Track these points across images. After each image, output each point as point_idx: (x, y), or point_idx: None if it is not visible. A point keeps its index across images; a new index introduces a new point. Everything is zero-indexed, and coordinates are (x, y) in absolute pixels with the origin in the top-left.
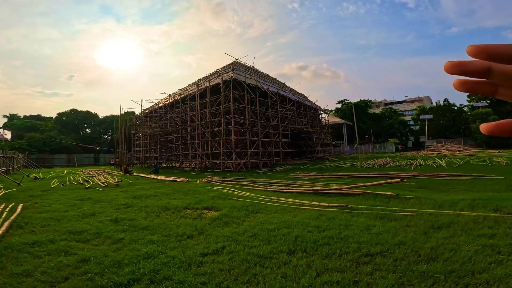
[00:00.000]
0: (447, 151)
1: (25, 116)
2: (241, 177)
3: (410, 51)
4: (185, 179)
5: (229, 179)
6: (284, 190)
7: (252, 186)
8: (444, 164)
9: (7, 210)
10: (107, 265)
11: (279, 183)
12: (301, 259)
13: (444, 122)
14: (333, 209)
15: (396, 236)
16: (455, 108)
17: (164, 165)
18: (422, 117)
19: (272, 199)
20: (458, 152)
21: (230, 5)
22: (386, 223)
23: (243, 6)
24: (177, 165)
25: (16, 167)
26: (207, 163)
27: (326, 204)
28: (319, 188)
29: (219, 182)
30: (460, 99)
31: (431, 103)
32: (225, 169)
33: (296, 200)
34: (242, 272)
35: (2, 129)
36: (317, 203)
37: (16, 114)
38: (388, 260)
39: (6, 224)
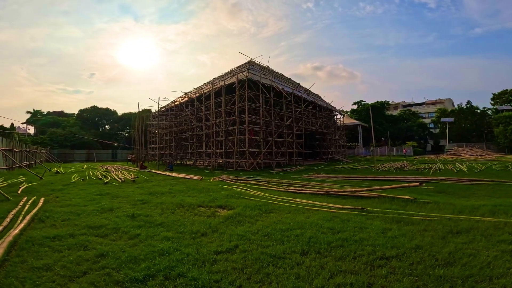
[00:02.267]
0: (468, 156)
1: (48, 112)
2: (254, 177)
3: (431, 52)
4: (199, 177)
5: (242, 178)
6: (297, 191)
7: (265, 186)
8: (465, 169)
9: (29, 203)
10: (124, 260)
11: (292, 184)
12: (314, 260)
13: (466, 125)
14: (348, 211)
15: (412, 240)
16: (478, 111)
17: (178, 162)
18: (442, 120)
19: (285, 199)
20: (479, 156)
21: (244, 5)
22: (403, 227)
23: (257, 5)
24: (191, 162)
25: (38, 161)
26: (220, 161)
27: (340, 206)
28: (333, 189)
29: (232, 181)
30: (483, 102)
31: (453, 105)
32: (238, 168)
33: (310, 201)
34: (255, 271)
35: (25, 124)
36: (331, 205)
37: (39, 110)
38: (404, 264)
39: (28, 217)
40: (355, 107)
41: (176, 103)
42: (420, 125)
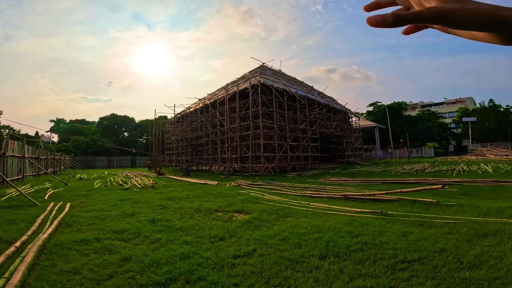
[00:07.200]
0: (493, 156)
1: (70, 121)
2: (269, 181)
3: (448, 50)
4: (215, 182)
5: (257, 183)
6: (313, 195)
7: (281, 190)
8: (490, 170)
9: (56, 208)
10: (147, 264)
11: (308, 188)
12: (333, 264)
13: (490, 124)
14: (366, 215)
15: (436, 243)
16: (501, 109)
17: (195, 168)
18: (464, 119)
19: (301, 203)
20: (505, 156)
21: (254, 10)
22: (425, 230)
23: (266, 9)
24: (207, 168)
25: (62, 167)
26: (235, 166)
27: (359, 210)
28: (350, 193)
29: (248, 186)
30: (507, 99)
31: (475, 104)
32: (254, 173)
33: (327, 205)
34: (273, 275)
35: (49, 133)
36: (349, 209)
37: (62, 119)
38: (427, 267)
39: (55, 222)
40: (370, 108)
41: (191, 110)
42: (441, 125)
